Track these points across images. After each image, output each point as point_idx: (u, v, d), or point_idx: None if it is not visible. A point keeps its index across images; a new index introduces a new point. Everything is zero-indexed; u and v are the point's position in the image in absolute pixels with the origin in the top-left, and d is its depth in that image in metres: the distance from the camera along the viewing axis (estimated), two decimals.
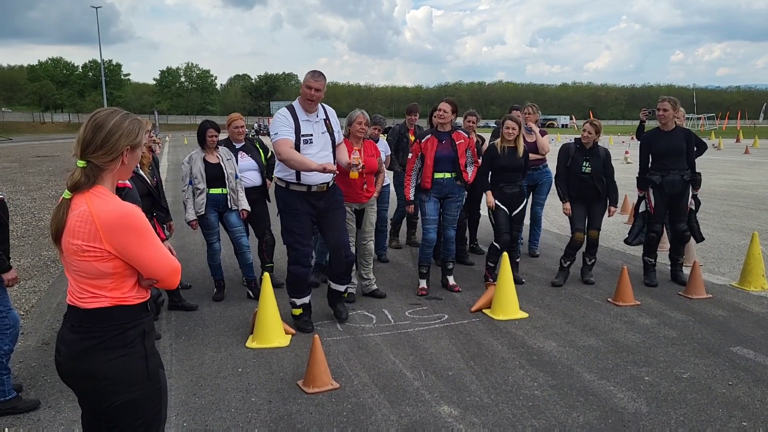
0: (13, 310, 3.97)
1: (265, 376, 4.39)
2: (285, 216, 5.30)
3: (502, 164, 6.29)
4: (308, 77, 5.14)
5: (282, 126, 5.10)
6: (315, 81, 5.11)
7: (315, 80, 5.12)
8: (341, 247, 5.35)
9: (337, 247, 5.35)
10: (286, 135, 5.07)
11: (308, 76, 5.15)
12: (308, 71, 5.19)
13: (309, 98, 5.14)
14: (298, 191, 5.20)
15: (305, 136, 5.13)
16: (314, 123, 5.23)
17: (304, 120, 5.17)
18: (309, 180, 5.16)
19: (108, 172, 2.21)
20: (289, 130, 5.09)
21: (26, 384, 4.28)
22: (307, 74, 5.17)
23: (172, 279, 2.28)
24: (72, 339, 2.19)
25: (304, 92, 5.14)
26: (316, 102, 5.20)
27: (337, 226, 5.36)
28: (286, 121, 5.12)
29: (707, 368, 4.44)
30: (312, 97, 5.13)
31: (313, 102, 5.17)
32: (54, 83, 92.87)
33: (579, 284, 6.63)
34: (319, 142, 5.22)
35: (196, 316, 5.71)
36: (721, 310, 5.73)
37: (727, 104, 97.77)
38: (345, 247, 5.39)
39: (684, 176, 6.31)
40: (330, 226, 5.35)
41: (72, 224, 2.12)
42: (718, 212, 11.09)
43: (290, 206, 5.24)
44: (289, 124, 5.11)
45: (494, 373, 4.40)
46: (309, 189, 5.20)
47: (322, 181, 5.21)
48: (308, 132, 5.16)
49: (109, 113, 2.24)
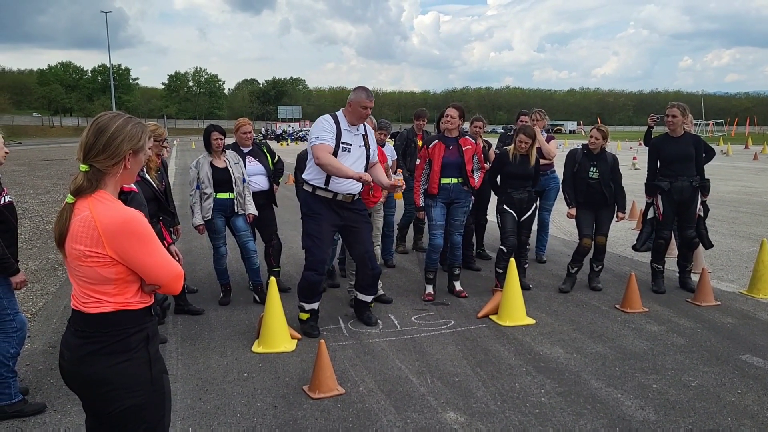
0: (21, 313, 3.98)
1: (270, 381, 4.38)
2: (307, 220, 5.32)
3: (512, 171, 6.28)
4: (364, 97, 5.16)
5: (323, 131, 5.14)
6: (370, 101, 5.19)
7: (370, 100, 5.19)
8: (368, 260, 5.38)
9: (364, 260, 5.38)
10: (326, 140, 5.10)
11: (364, 96, 5.17)
12: (360, 89, 5.24)
13: (362, 117, 5.22)
14: (323, 197, 5.22)
15: (344, 144, 5.17)
16: (354, 135, 5.28)
17: (345, 129, 5.22)
18: (337, 188, 5.18)
19: (111, 176, 2.20)
20: (330, 136, 5.13)
21: (32, 387, 4.29)
22: (361, 93, 5.19)
23: (175, 285, 2.26)
24: (76, 344, 2.19)
25: (358, 111, 5.17)
26: (365, 119, 5.29)
27: (363, 239, 5.39)
28: (328, 126, 5.17)
29: (716, 376, 4.40)
30: (365, 115, 5.22)
31: (363, 120, 5.27)
32: (63, 87, 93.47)
33: (586, 290, 6.59)
34: (356, 154, 5.26)
35: (203, 321, 5.71)
36: (730, 317, 5.68)
37: (735, 110, 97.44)
38: (371, 260, 5.42)
39: (693, 182, 6.28)
40: (356, 239, 5.38)
41: (75, 229, 2.11)
42: (726, 219, 11.02)
43: (314, 211, 5.26)
44: (331, 129, 5.15)
45: (501, 380, 4.37)
46: (335, 197, 5.22)
47: (348, 192, 5.23)
48: (348, 141, 5.21)
49: (111, 117, 2.23)
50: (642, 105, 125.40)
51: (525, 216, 6.38)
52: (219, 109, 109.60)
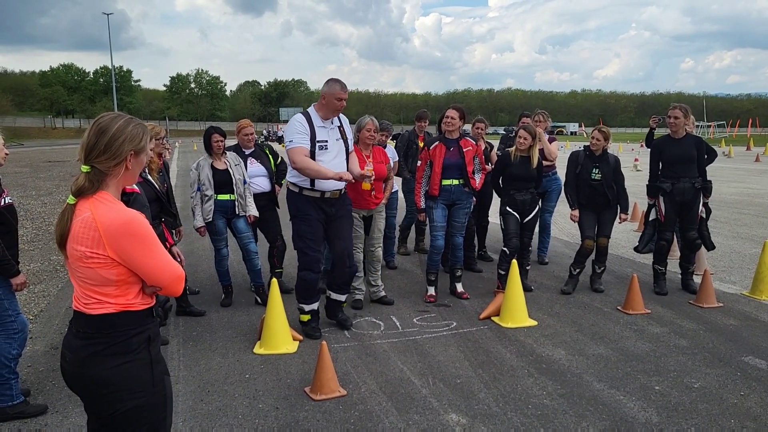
0: (22, 314, 3.98)
1: (272, 383, 4.37)
2: (297, 221, 5.28)
3: (514, 173, 6.28)
4: (338, 89, 5.10)
5: (297, 133, 5.08)
6: (344, 92, 5.14)
7: (344, 91, 5.15)
8: (346, 257, 5.33)
9: (342, 256, 5.33)
10: (301, 143, 5.05)
11: (337, 88, 5.11)
12: (333, 80, 5.16)
13: (337, 109, 5.17)
14: (311, 197, 5.20)
15: (321, 143, 5.12)
16: (329, 129, 5.22)
17: (319, 126, 5.16)
18: (323, 186, 5.16)
19: (112, 177, 2.20)
20: (304, 138, 5.07)
21: (34, 389, 4.28)
22: (335, 85, 5.12)
23: (176, 286, 2.26)
24: (77, 345, 2.18)
25: (333, 103, 5.12)
26: (340, 112, 5.25)
27: (343, 234, 5.34)
28: (301, 127, 5.10)
29: (718, 378, 4.39)
30: (340, 107, 5.17)
31: (338, 112, 5.22)
32: (65, 89, 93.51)
33: (588, 292, 6.58)
34: (334, 149, 5.21)
35: (204, 322, 5.71)
36: (732, 319, 5.67)
37: (737, 112, 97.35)
38: (350, 257, 5.37)
39: (695, 184, 6.27)
40: (337, 234, 5.33)
41: (76, 230, 2.11)
42: (728, 220, 11.01)
43: (303, 212, 5.23)
44: (304, 131, 5.09)
45: (503, 381, 4.37)
46: (322, 195, 5.19)
47: (335, 188, 5.21)
48: (324, 138, 5.15)
49: (112, 118, 2.22)
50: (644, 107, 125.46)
51: (528, 218, 6.37)
52: (221, 111, 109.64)
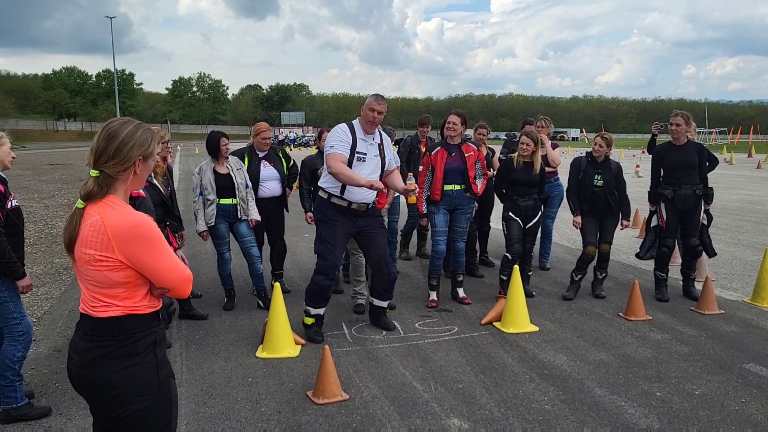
0: (27, 317, 4.00)
1: (275, 387, 4.39)
2: (321, 225, 5.37)
3: (517, 178, 6.30)
4: (372, 100, 5.23)
5: (338, 140, 5.18)
6: (379, 104, 5.22)
7: (379, 103, 5.23)
8: (384, 264, 5.41)
9: (380, 264, 5.40)
10: (341, 150, 5.15)
11: (372, 99, 5.24)
12: (372, 94, 5.31)
13: (371, 120, 5.23)
14: (338, 205, 5.26)
15: (359, 154, 5.22)
16: (369, 144, 5.31)
17: (361, 139, 5.26)
18: (351, 197, 5.23)
19: (121, 181, 2.23)
20: (344, 146, 5.17)
21: (38, 391, 4.30)
22: (371, 98, 5.27)
23: (184, 288, 2.29)
24: (84, 347, 2.20)
25: (367, 114, 5.22)
26: (376, 124, 5.31)
27: (378, 243, 5.42)
28: (344, 136, 5.21)
29: (720, 385, 4.40)
30: (374, 119, 5.23)
31: (374, 124, 5.28)
32: (67, 92, 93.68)
33: (590, 298, 6.60)
34: (371, 164, 5.30)
35: (207, 325, 5.73)
36: (734, 326, 5.68)
37: (738, 119, 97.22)
38: (388, 264, 5.45)
39: (696, 191, 6.29)
40: (372, 244, 5.42)
41: (85, 234, 2.14)
42: (730, 227, 11.02)
43: (328, 216, 5.31)
44: (346, 139, 5.19)
45: (504, 387, 4.38)
46: (349, 205, 5.26)
47: (363, 201, 5.27)
48: (363, 151, 5.25)
49: (122, 123, 2.25)
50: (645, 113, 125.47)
51: (530, 223, 6.39)
52: (222, 115, 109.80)
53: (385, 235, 5.64)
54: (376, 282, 5.52)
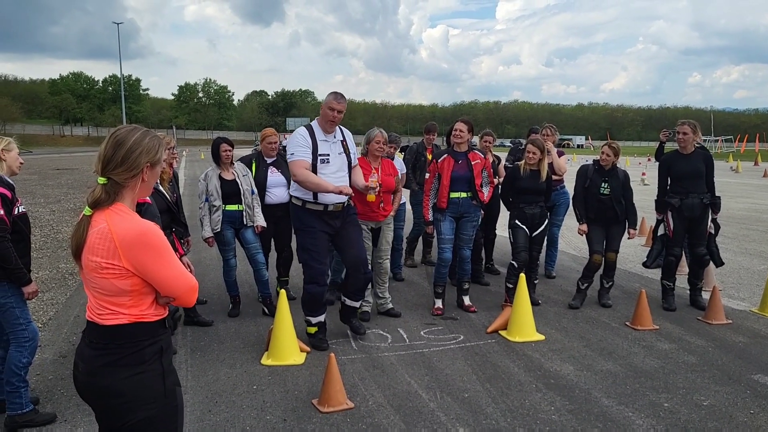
0: (33, 323, 4.00)
1: (280, 394, 4.37)
2: (301, 234, 5.30)
3: (523, 186, 6.27)
4: (331, 99, 5.15)
5: (299, 146, 5.12)
6: (338, 103, 5.15)
7: (338, 102, 5.15)
8: (360, 264, 5.33)
9: (356, 264, 5.33)
10: (302, 156, 5.09)
11: (331, 98, 5.16)
12: (330, 92, 5.21)
13: (331, 119, 5.17)
14: (314, 210, 5.21)
15: (322, 156, 5.15)
16: (332, 143, 5.25)
17: (321, 140, 5.19)
18: (325, 200, 5.17)
19: (128, 189, 2.23)
20: (305, 151, 5.11)
21: (43, 397, 4.30)
22: (329, 96, 5.18)
23: (189, 297, 2.28)
24: (90, 355, 2.20)
25: (326, 113, 5.15)
26: (336, 123, 5.24)
27: (354, 243, 5.35)
28: (303, 140, 5.14)
29: (728, 396, 4.36)
30: (334, 118, 5.16)
31: (334, 123, 5.21)
32: (74, 97, 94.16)
33: (596, 307, 6.56)
34: (336, 163, 5.24)
35: (212, 332, 5.72)
36: (741, 336, 5.64)
37: (744, 127, 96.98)
38: (363, 264, 5.37)
39: (703, 199, 6.26)
40: (347, 244, 5.33)
41: (92, 241, 2.14)
42: (737, 236, 10.96)
43: (307, 224, 5.24)
44: (306, 144, 5.13)
45: (511, 396, 4.35)
46: (325, 208, 5.20)
47: (338, 201, 5.21)
48: (325, 152, 5.18)
49: (129, 130, 2.26)
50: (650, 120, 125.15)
51: (537, 231, 6.36)
52: (228, 120, 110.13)
53: (360, 233, 5.55)
54: (351, 282, 5.40)
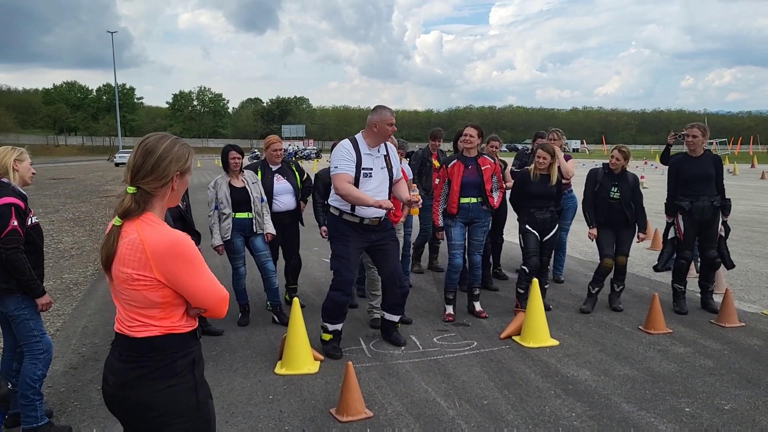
0: (47, 335, 3.94)
1: (296, 404, 4.32)
2: (335, 242, 5.30)
3: (533, 191, 6.24)
4: (389, 115, 5.09)
5: (343, 160, 5.09)
6: (394, 117, 5.14)
7: (394, 116, 5.14)
8: (396, 278, 5.33)
9: (392, 278, 5.33)
10: (346, 170, 5.06)
11: (387, 114, 5.09)
12: (381, 107, 5.15)
13: (389, 134, 5.18)
14: (350, 221, 5.21)
15: (365, 170, 5.13)
16: (375, 158, 5.22)
17: (366, 154, 5.16)
18: (363, 213, 5.16)
19: (158, 198, 2.18)
20: (350, 165, 5.08)
21: (56, 410, 4.23)
22: (385, 111, 5.10)
23: (221, 308, 2.24)
24: (121, 368, 2.15)
25: (385, 129, 5.10)
26: (389, 138, 5.23)
27: (391, 257, 5.36)
28: (348, 154, 5.11)
29: (748, 399, 4.33)
30: (392, 133, 5.17)
31: (389, 138, 5.22)
32: (68, 107, 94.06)
33: (607, 311, 6.53)
34: (378, 177, 5.22)
35: (223, 341, 5.66)
36: (756, 338, 5.61)
37: (738, 129, 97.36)
38: (400, 278, 5.37)
39: (714, 202, 6.24)
40: (384, 258, 5.35)
41: (122, 252, 2.09)
42: (741, 238, 10.94)
43: (341, 233, 5.24)
44: (350, 158, 5.10)
45: (530, 403, 4.31)
46: (361, 221, 5.19)
47: (375, 215, 5.20)
48: (369, 166, 5.16)
49: (159, 138, 2.21)
50: (644, 124, 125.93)
51: (547, 236, 6.33)
52: (223, 128, 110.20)
53: (397, 248, 5.58)
54: (389, 296, 5.45)
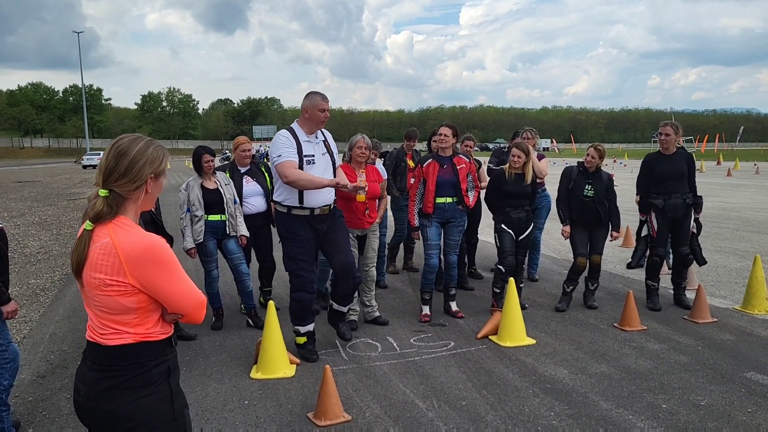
0: (13, 343, 3.82)
1: (273, 409, 4.24)
2: (287, 242, 5.14)
3: (509, 190, 6.23)
4: (319, 100, 5.01)
5: (285, 148, 4.97)
6: (326, 103, 5.05)
7: (326, 102, 5.05)
8: (348, 269, 5.19)
9: (345, 269, 5.18)
10: (290, 156, 4.94)
11: (318, 99, 5.02)
12: (313, 93, 5.09)
13: (321, 121, 5.07)
14: (300, 215, 5.07)
15: (307, 157, 5.02)
16: (314, 144, 5.12)
17: (305, 141, 5.06)
18: (312, 202, 5.03)
19: (131, 201, 2.11)
20: (292, 152, 4.96)
21: (24, 420, 4.10)
22: (315, 97, 5.04)
23: (198, 313, 2.17)
24: (93, 378, 2.06)
25: (317, 115, 5.02)
26: (324, 124, 5.14)
27: (342, 247, 5.22)
28: (288, 142, 4.99)
29: (723, 395, 4.37)
30: (324, 119, 5.06)
31: (323, 124, 5.11)
32: (34, 108, 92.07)
33: (582, 309, 6.56)
34: (321, 163, 5.11)
35: (196, 346, 5.55)
36: (729, 334, 5.68)
37: (704, 128, 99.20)
38: (352, 269, 5.23)
39: (686, 199, 6.31)
40: (335, 249, 5.20)
41: (94, 257, 2.01)
42: (710, 235, 11.11)
43: (293, 232, 5.09)
44: (291, 145, 4.99)
45: (509, 403, 4.29)
46: (312, 212, 5.07)
47: (324, 203, 5.10)
48: (310, 153, 5.04)
49: (132, 140, 2.13)
50: (613, 122, 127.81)
51: (522, 235, 6.33)
52: (193, 129, 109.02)
53: (347, 237, 5.44)
54: (341, 287, 5.27)
